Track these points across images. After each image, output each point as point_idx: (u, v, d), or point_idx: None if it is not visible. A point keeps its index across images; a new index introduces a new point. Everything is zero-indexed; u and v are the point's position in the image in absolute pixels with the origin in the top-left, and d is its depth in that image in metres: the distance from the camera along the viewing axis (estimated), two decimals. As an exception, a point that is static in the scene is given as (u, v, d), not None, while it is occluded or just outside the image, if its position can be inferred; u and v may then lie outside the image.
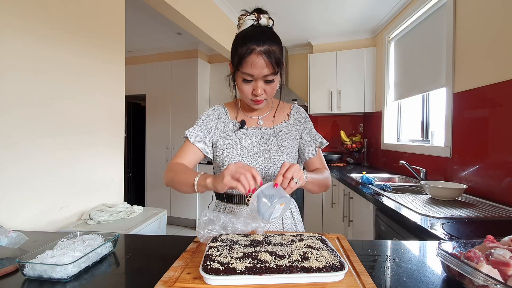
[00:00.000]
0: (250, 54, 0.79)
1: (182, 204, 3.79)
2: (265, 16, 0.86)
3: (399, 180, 2.32)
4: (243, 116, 1.00)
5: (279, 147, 0.93)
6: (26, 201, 1.16)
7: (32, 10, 1.17)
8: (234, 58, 0.84)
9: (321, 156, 1.01)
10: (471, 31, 1.61)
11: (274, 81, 0.85)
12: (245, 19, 0.85)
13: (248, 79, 0.83)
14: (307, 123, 1.01)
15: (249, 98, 0.88)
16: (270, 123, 0.99)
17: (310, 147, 0.98)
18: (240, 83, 0.86)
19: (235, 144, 0.93)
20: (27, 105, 1.15)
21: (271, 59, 0.80)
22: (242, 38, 0.83)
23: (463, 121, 1.67)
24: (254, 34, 0.81)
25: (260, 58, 0.79)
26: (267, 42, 0.80)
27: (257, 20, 0.85)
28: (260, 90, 0.84)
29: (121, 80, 1.68)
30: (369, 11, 2.75)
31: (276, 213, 0.70)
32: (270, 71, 0.81)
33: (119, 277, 0.62)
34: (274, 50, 0.81)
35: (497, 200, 1.39)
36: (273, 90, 0.88)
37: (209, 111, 1.01)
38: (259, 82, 0.83)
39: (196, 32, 2.49)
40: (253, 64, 0.80)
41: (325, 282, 0.52)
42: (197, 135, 0.95)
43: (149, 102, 3.97)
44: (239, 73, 0.84)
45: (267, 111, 1.01)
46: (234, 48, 0.85)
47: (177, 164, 0.90)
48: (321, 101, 3.38)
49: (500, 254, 0.52)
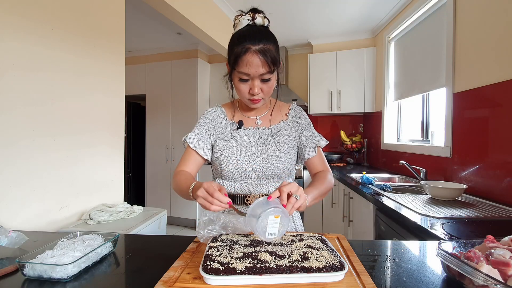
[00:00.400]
0: (245, 53, 0.80)
1: (182, 204, 3.79)
2: (260, 15, 0.86)
3: (399, 180, 2.32)
4: (241, 116, 1.00)
5: (277, 147, 0.93)
6: (26, 201, 1.16)
7: (32, 10, 1.17)
8: (230, 58, 0.85)
9: (321, 155, 1.00)
10: (471, 31, 1.61)
11: (270, 80, 0.85)
12: (241, 19, 0.86)
13: (245, 78, 0.84)
14: (306, 122, 1.01)
15: (246, 97, 0.88)
16: (269, 123, 0.99)
17: (310, 146, 0.97)
18: (237, 83, 0.86)
19: (232, 145, 0.93)
20: (27, 105, 1.15)
21: (266, 58, 0.80)
22: (237, 38, 0.83)
23: (463, 121, 1.67)
24: (249, 33, 0.82)
25: (256, 57, 0.80)
26: (262, 41, 0.80)
27: (252, 19, 0.85)
28: (257, 89, 0.85)
29: (121, 80, 1.68)
30: (369, 11, 2.75)
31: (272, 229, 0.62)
32: (266, 69, 0.82)
33: (119, 277, 0.62)
34: (270, 49, 0.81)
35: (497, 200, 1.39)
36: (270, 89, 0.88)
37: (206, 114, 1.01)
38: (256, 81, 0.84)
39: (196, 32, 2.49)
40: (249, 63, 0.80)
41: (325, 282, 0.52)
42: (196, 140, 0.95)
43: (149, 102, 3.97)
44: (236, 73, 0.84)
45: (265, 111, 1.01)
46: (230, 48, 0.85)
47: (180, 172, 0.92)
48: (321, 101, 3.38)
49: (500, 254, 0.52)
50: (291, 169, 0.97)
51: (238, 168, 0.91)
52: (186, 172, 0.92)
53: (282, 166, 0.92)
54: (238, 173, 0.91)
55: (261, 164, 0.91)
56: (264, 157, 0.92)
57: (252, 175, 0.91)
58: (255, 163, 0.91)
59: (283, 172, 0.93)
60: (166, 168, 3.87)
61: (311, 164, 0.99)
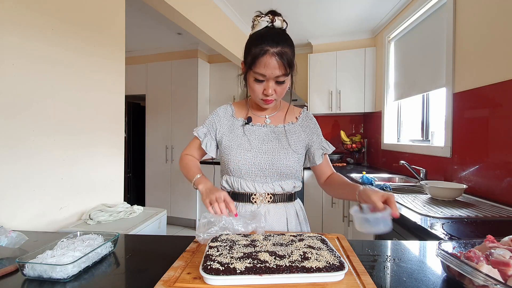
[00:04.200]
0: (263, 55, 0.81)
1: (182, 204, 3.79)
2: (280, 18, 0.89)
3: (399, 180, 2.32)
4: (251, 114, 1.03)
5: (289, 144, 0.95)
6: (26, 201, 1.15)
7: (32, 10, 1.17)
8: (248, 58, 0.86)
9: (328, 162, 1.06)
10: (471, 31, 1.61)
11: (285, 82, 0.87)
12: (260, 20, 0.88)
13: (260, 79, 0.85)
14: (315, 128, 1.04)
15: (259, 97, 0.90)
16: (277, 122, 1.01)
17: (317, 153, 1.00)
18: (251, 82, 0.88)
19: (242, 141, 0.95)
20: (27, 104, 1.15)
21: (283, 61, 0.82)
22: (256, 39, 0.85)
23: (463, 121, 1.67)
24: (268, 35, 0.84)
25: (273, 59, 0.81)
26: (280, 44, 0.82)
27: (271, 22, 0.87)
28: (271, 90, 0.86)
29: (121, 80, 1.67)
30: (369, 11, 2.75)
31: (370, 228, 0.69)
32: (282, 72, 0.83)
33: (119, 277, 0.62)
34: (287, 52, 0.83)
35: (497, 200, 1.39)
36: (283, 91, 0.90)
37: (216, 111, 1.04)
38: (270, 82, 0.86)
39: (196, 32, 2.49)
40: (266, 64, 0.82)
41: (325, 282, 0.52)
42: (204, 134, 1.00)
43: (149, 102, 3.97)
44: (251, 73, 0.86)
45: (274, 111, 1.03)
46: (248, 48, 0.87)
47: (186, 156, 1.03)
48: (321, 101, 3.38)
49: (500, 254, 0.52)
50: (297, 169, 0.98)
51: (245, 163, 0.92)
52: (192, 158, 1.03)
53: (289, 164, 0.93)
54: (245, 168, 0.92)
55: (267, 161, 0.92)
56: (271, 154, 0.93)
57: (259, 172, 0.92)
58: (261, 159, 0.92)
59: (289, 170, 0.94)
60: (166, 168, 3.87)
61: (318, 170, 1.04)
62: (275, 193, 0.95)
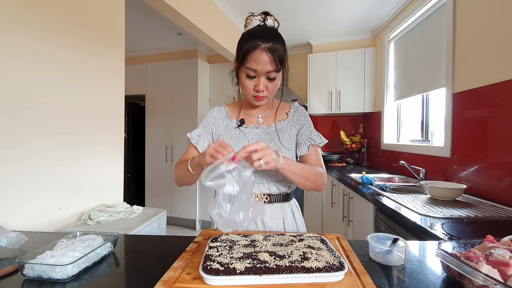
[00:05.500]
0: (255, 49, 0.82)
1: (182, 204, 3.79)
2: (271, 17, 0.90)
3: (399, 180, 2.32)
4: (243, 115, 1.03)
5: (281, 143, 0.95)
6: (26, 201, 1.15)
7: (32, 10, 1.17)
8: (239, 54, 0.87)
9: (317, 155, 0.97)
10: (471, 31, 1.62)
11: (276, 78, 0.88)
12: (252, 19, 0.89)
13: (252, 74, 0.86)
14: (305, 121, 1.02)
15: (251, 94, 0.90)
16: (270, 122, 1.01)
17: (304, 144, 0.97)
18: (243, 79, 0.89)
19: (236, 143, 0.96)
20: (27, 104, 1.15)
21: (274, 56, 0.83)
22: (248, 35, 0.86)
23: (463, 121, 1.67)
24: (260, 32, 0.85)
25: (264, 54, 0.82)
26: (272, 40, 0.83)
27: (263, 21, 0.89)
28: (262, 86, 0.87)
29: (121, 80, 1.67)
30: (369, 11, 2.75)
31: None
32: (273, 67, 0.84)
33: (119, 277, 0.62)
34: (278, 48, 0.84)
35: (497, 200, 1.39)
36: (274, 88, 0.90)
37: (210, 113, 1.04)
38: (262, 78, 0.86)
39: (196, 32, 2.49)
40: (257, 59, 0.83)
41: (325, 282, 0.52)
42: (198, 137, 0.98)
43: (149, 102, 3.97)
44: (243, 68, 0.87)
45: (267, 110, 1.03)
46: (240, 44, 0.88)
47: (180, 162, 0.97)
48: (321, 101, 3.38)
49: (500, 254, 0.52)
50: None
51: None
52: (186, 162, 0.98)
53: None
54: None
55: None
56: None
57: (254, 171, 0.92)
58: None
59: None
60: (166, 168, 3.87)
61: (307, 161, 0.97)
62: (271, 193, 0.95)
